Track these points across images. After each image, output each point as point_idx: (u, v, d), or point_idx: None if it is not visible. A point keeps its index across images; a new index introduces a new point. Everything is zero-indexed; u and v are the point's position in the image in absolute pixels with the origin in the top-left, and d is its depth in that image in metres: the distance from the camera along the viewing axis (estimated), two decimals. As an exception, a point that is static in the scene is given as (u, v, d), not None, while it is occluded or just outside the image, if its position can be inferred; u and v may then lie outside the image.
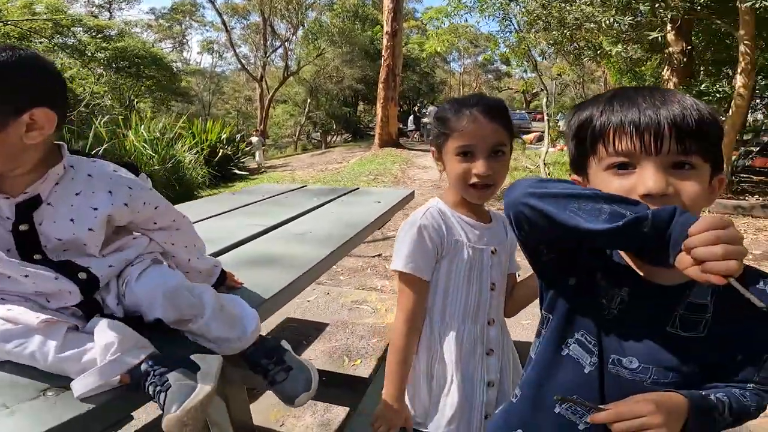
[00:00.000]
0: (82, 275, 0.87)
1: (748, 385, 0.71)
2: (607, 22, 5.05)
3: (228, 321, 0.94)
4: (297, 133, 23.18)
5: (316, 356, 2.71)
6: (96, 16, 23.92)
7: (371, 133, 24.69)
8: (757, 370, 0.71)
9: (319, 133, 24.43)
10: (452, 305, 1.09)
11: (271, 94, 22.02)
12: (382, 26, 17.91)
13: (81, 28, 15.78)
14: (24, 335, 0.79)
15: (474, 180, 1.03)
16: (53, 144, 0.87)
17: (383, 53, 15.18)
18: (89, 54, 14.99)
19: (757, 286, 0.66)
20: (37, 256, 0.85)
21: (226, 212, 2.10)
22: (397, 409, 1.06)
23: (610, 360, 0.74)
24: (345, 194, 2.51)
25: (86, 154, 0.97)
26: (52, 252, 0.86)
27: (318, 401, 2.13)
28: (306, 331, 3.04)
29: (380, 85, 15.26)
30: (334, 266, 4.31)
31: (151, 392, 0.78)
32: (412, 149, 15.43)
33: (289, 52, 23.47)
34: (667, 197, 0.65)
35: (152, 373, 0.79)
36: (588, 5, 5.43)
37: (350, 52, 22.09)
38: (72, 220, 0.86)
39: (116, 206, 0.89)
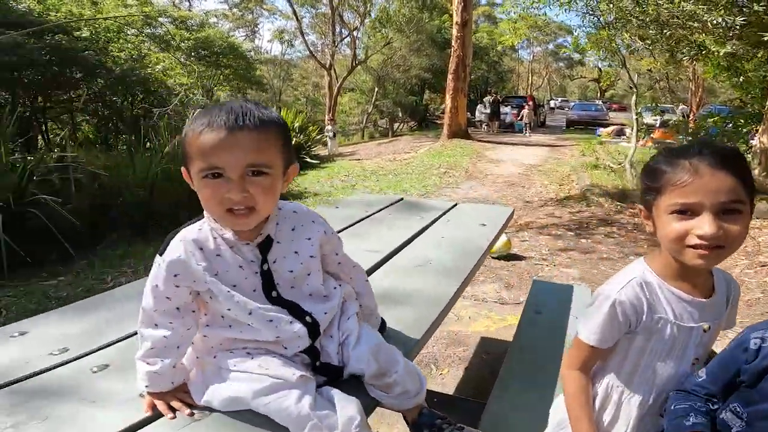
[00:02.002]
0: (308, 319, 0.96)
1: None
2: (714, 21, 4.71)
3: (411, 375, 1.03)
4: (364, 121, 23.40)
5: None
6: (178, 7, 25.15)
7: (437, 121, 24.46)
8: None
9: (385, 121, 24.54)
10: (643, 374, 1.03)
11: (339, 82, 22.31)
12: (450, 15, 17.63)
13: (167, 19, 16.67)
14: (284, 389, 0.87)
15: (695, 242, 0.87)
16: None
17: (453, 44, 14.98)
18: (174, 44, 15.81)
19: None
20: (273, 293, 0.94)
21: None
22: None
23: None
24: (446, 212, 2.55)
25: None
26: (283, 288, 0.96)
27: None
28: (395, 338, 3.15)
29: (449, 76, 15.10)
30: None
31: None
32: (482, 140, 15.20)
33: (357, 41, 23.63)
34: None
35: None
36: (689, 3, 5.08)
37: (417, 41, 21.89)
38: (296, 252, 0.97)
39: (320, 233, 1.01)
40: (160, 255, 0.92)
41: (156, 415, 0.91)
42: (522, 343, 2.04)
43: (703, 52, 5.39)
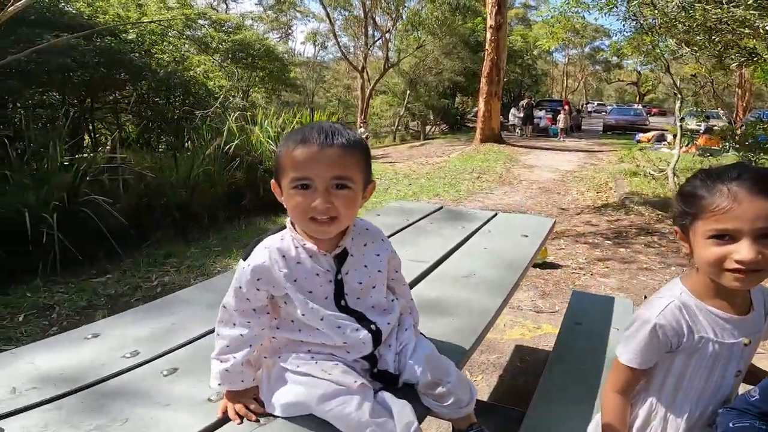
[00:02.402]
0: (373, 327, 1.02)
1: None
2: (767, 27, 4.54)
3: (463, 385, 1.07)
4: (396, 123, 23.44)
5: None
6: (216, 9, 25.80)
7: (469, 125, 24.28)
8: None
9: (417, 124, 24.52)
10: (687, 390, 1.04)
11: (372, 85, 22.41)
12: (484, 18, 17.49)
13: (206, 22, 17.13)
14: (344, 395, 0.93)
15: (734, 266, 0.89)
16: None
17: (486, 47, 14.87)
18: (213, 47, 16.22)
19: None
20: (342, 302, 1.02)
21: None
22: None
23: None
24: (486, 222, 2.54)
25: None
26: (350, 298, 1.02)
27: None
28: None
29: (483, 80, 14.98)
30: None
31: None
32: (516, 145, 15.01)
33: (390, 44, 23.68)
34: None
35: None
36: (739, 8, 4.91)
37: (450, 43, 21.79)
38: (366, 266, 1.04)
39: (388, 251, 1.08)
40: (244, 260, 0.99)
41: (224, 419, 0.95)
42: (562, 354, 2.02)
43: (754, 59, 5.20)
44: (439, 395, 1.04)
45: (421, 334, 1.19)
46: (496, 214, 2.72)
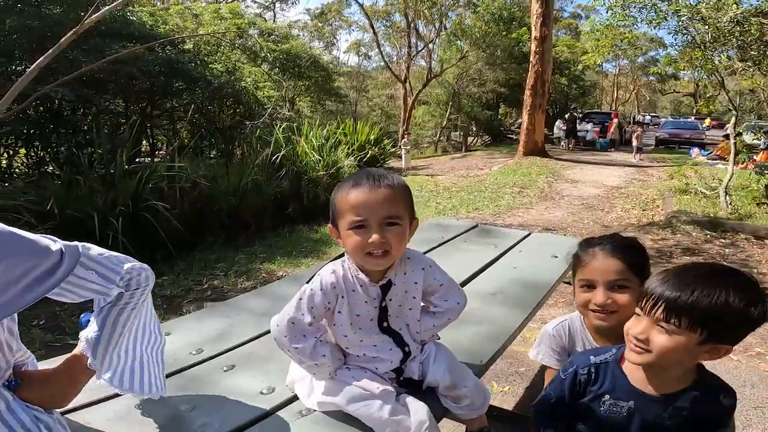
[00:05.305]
0: (407, 349, 1.19)
1: None
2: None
3: (479, 390, 1.21)
4: (438, 134, 23.47)
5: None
6: (264, 18, 26.67)
7: (512, 137, 23.98)
8: None
9: (458, 134, 24.44)
10: None
11: (414, 95, 22.56)
12: (528, 29, 17.27)
13: (256, 32, 17.78)
14: (369, 399, 1.09)
15: (594, 308, 1.18)
16: None
17: (531, 59, 14.69)
18: (261, 56, 16.81)
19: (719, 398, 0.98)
20: (384, 324, 1.18)
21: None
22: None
23: None
24: (519, 242, 2.64)
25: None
26: (392, 318, 1.19)
27: None
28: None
29: (527, 92, 14.81)
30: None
31: None
32: (560, 159, 14.74)
33: (432, 54, 23.78)
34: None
35: None
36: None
37: (493, 54, 21.65)
38: (406, 291, 1.19)
39: (426, 279, 1.21)
40: (309, 282, 1.15)
41: (272, 410, 1.12)
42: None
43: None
44: (456, 397, 1.18)
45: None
46: (529, 234, 2.80)
